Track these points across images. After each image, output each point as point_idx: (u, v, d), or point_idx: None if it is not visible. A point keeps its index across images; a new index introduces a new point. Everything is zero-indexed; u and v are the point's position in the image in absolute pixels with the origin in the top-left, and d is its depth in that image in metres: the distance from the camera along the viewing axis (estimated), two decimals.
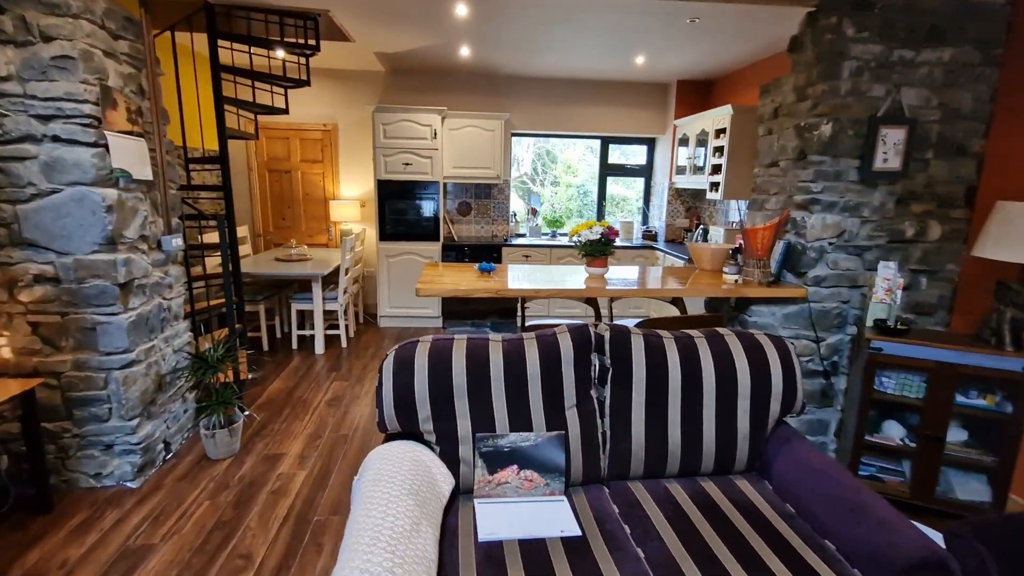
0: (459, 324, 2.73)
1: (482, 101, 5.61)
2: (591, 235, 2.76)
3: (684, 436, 1.83)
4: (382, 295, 5.35)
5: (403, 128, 5.03)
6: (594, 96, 5.66)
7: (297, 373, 4.14)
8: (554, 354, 1.82)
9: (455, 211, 5.84)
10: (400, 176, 5.13)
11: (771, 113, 2.93)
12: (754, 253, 2.69)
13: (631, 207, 6.44)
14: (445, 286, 2.53)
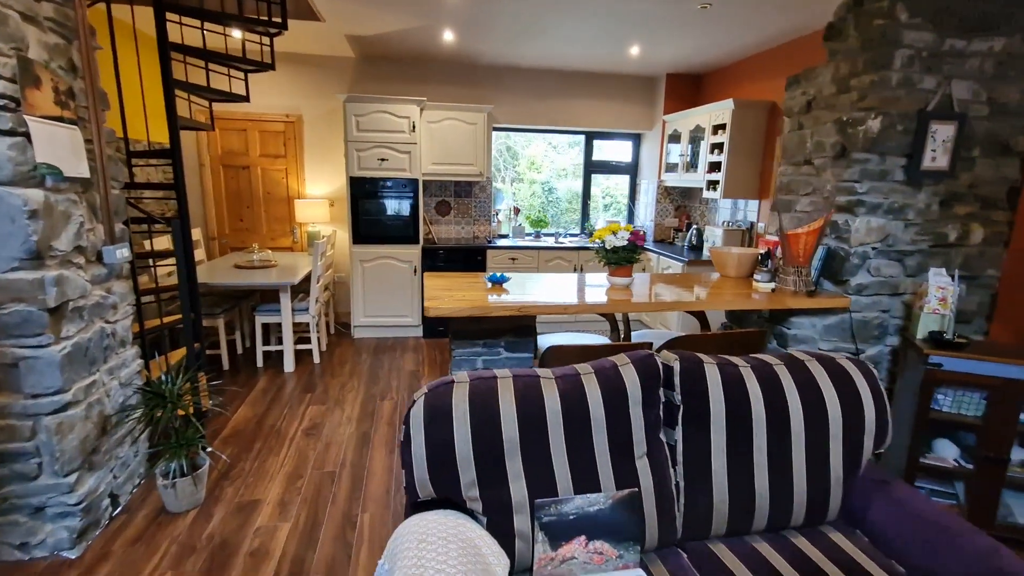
0: (469, 345, 2.36)
1: (462, 92, 5.21)
2: (616, 241, 2.45)
3: (772, 484, 1.54)
4: (356, 303, 4.89)
5: (378, 120, 4.58)
6: (580, 89, 5.37)
7: (265, 396, 3.65)
8: (619, 392, 1.49)
9: (433, 211, 5.42)
10: (375, 173, 4.67)
11: (802, 107, 2.71)
12: (794, 260, 2.45)
13: (614, 206, 6.19)
14: (460, 304, 2.16)
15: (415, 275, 4.90)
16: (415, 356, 4.56)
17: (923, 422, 2.26)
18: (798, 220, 2.73)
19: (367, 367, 4.27)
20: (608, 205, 6.07)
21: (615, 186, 6.07)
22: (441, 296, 2.29)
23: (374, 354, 4.58)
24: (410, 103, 4.59)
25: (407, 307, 4.96)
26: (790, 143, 2.80)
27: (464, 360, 2.39)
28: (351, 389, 3.82)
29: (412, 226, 4.84)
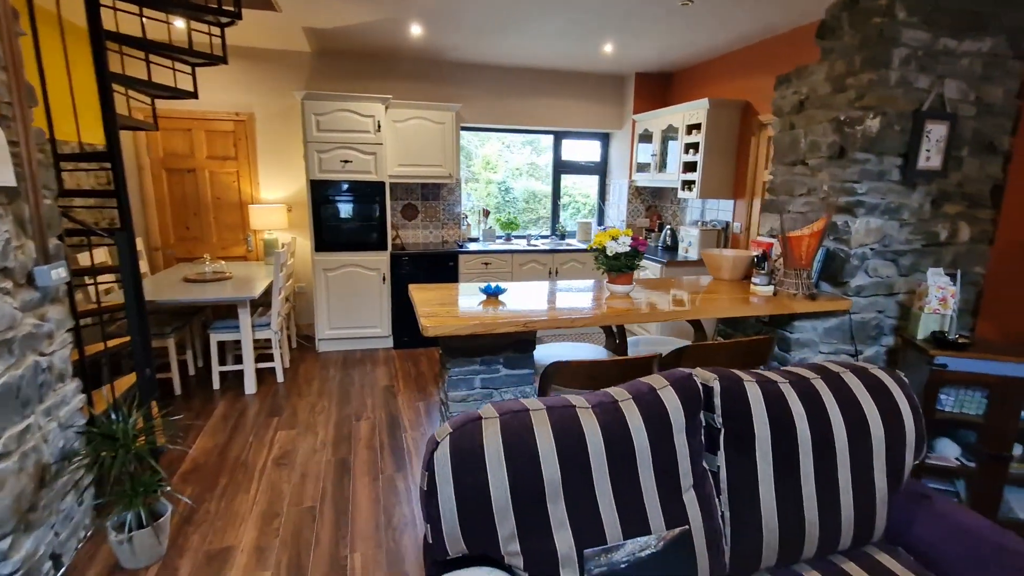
0: (465, 363, 2.17)
1: (428, 90, 4.97)
2: (618, 246, 2.32)
3: (821, 509, 1.44)
4: (320, 315, 4.57)
5: (340, 119, 4.28)
6: (549, 88, 5.24)
7: (226, 423, 3.32)
8: (661, 419, 1.35)
9: (400, 215, 5.16)
10: (338, 175, 4.38)
11: (794, 106, 2.67)
12: (797, 262, 2.40)
13: (572, 205, 6.07)
14: (460, 321, 1.97)
15: (384, 283, 4.64)
16: (387, 369, 4.30)
17: (927, 423, 2.25)
18: (793, 221, 2.70)
19: (337, 384, 3.98)
20: (566, 205, 5.92)
21: (572, 185, 5.91)
22: (436, 312, 2.09)
23: (343, 369, 4.29)
24: (374, 101, 4.33)
25: (376, 317, 4.68)
26: (781, 143, 2.76)
27: (461, 380, 2.20)
28: (322, 410, 3.53)
29: (379, 231, 4.56)
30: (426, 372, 4.25)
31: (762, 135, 4.00)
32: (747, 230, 4.19)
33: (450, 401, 2.22)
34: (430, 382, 4.04)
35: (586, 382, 2.07)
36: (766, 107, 3.94)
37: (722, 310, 2.26)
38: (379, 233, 4.57)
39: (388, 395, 3.79)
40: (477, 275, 4.84)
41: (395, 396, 3.78)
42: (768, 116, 3.89)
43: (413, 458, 2.94)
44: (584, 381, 2.07)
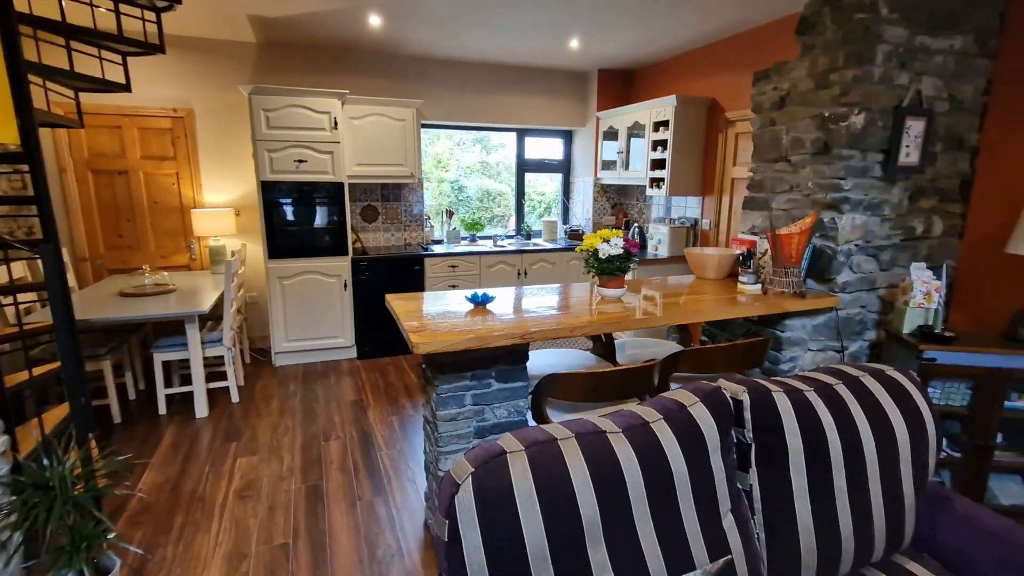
0: (454, 379, 2.00)
1: (386, 86, 4.72)
2: (611, 249, 2.21)
3: (855, 521, 1.38)
4: (276, 326, 4.25)
5: (293, 116, 3.98)
6: (512, 85, 5.10)
7: (177, 453, 2.99)
8: (696, 439, 1.24)
9: (359, 217, 4.89)
10: (292, 176, 4.07)
11: (774, 102, 2.64)
12: (787, 260, 2.37)
13: (531, 204, 5.97)
14: (453, 336, 1.80)
15: (345, 290, 4.36)
16: (353, 382, 4.04)
17: None
18: (776, 219, 2.68)
19: (299, 401, 3.69)
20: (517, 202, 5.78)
21: (528, 183, 5.74)
22: (425, 326, 1.91)
23: (304, 384, 4.00)
24: (330, 96, 4.05)
25: (337, 326, 4.41)
26: (762, 140, 2.73)
27: (450, 397, 2.03)
28: (285, 431, 3.26)
29: (339, 235, 4.29)
30: (395, 383, 4.02)
31: (729, 132, 4.01)
32: (716, 227, 4.20)
33: (439, 421, 2.05)
34: (401, 393, 3.82)
35: (586, 395, 1.96)
36: (733, 104, 3.96)
37: (720, 311, 2.20)
38: (339, 237, 4.29)
39: (357, 410, 3.55)
40: (444, 279, 4.65)
41: (365, 411, 3.54)
42: (736, 112, 3.91)
43: (392, 479, 2.74)
44: (584, 394, 1.95)
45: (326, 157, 4.13)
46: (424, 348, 1.73)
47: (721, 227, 4.16)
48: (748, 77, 3.76)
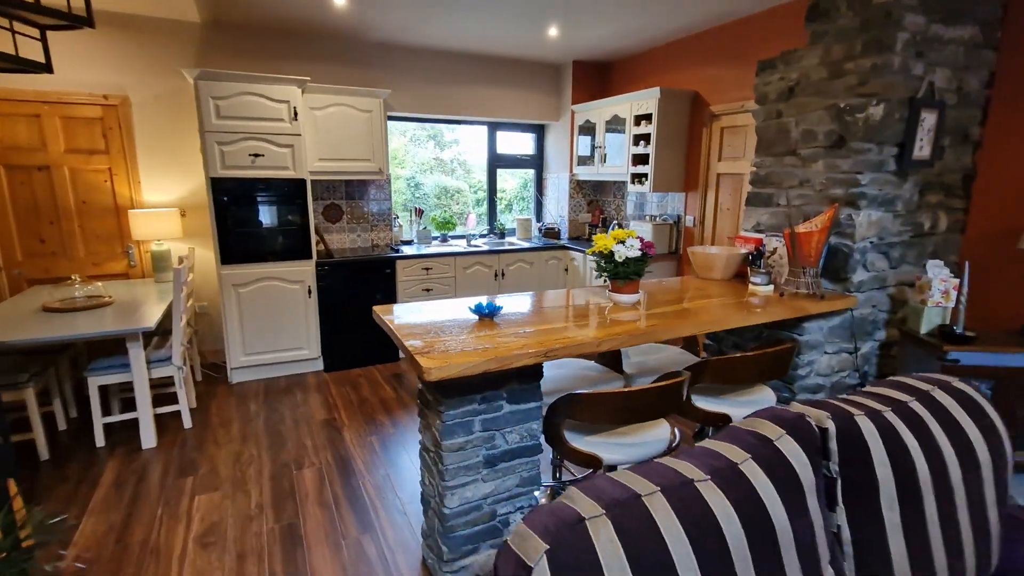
0: (461, 402, 1.75)
1: (349, 74, 4.36)
2: (628, 251, 2.01)
3: (948, 555, 1.23)
4: (232, 339, 3.82)
5: (247, 105, 3.57)
6: (483, 76, 4.84)
7: (122, 494, 2.58)
8: (791, 481, 1.05)
9: (321, 217, 4.50)
10: (248, 172, 3.66)
11: (781, 93, 2.51)
12: (805, 260, 2.24)
13: (486, 201, 5.64)
14: (468, 357, 1.54)
15: (309, 297, 3.99)
16: (322, 398, 3.69)
17: None
18: (784, 216, 2.55)
19: (263, 423, 3.31)
20: (480, 200, 5.51)
21: (483, 181, 5.49)
22: (432, 346, 1.64)
23: (266, 402, 3.61)
24: (288, 83, 3.66)
25: (301, 337, 4.03)
26: (767, 132, 2.60)
27: (458, 425, 1.77)
28: (250, 460, 2.89)
29: (301, 237, 3.91)
30: (369, 397, 3.70)
31: (714, 126, 3.91)
32: (701, 224, 4.10)
33: (445, 451, 1.78)
34: (377, 409, 3.51)
35: (616, 416, 1.75)
36: (718, 98, 3.86)
37: (745, 317, 2.04)
38: (301, 239, 3.91)
39: (331, 431, 3.21)
40: (418, 282, 4.34)
41: (339, 431, 3.21)
42: (721, 106, 3.81)
43: (379, 511, 2.44)
44: (613, 415, 1.74)
45: (285, 151, 3.74)
46: (438, 374, 1.47)
47: (706, 224, 4.06)
48: (734, 70, 3.66)
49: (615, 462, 1.80)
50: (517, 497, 1.95)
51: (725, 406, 2.05)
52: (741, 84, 3.62)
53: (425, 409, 1.93)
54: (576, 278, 4.73)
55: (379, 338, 4.28)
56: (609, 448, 1.82)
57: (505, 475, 1.91)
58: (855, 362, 2.47)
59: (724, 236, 3.90)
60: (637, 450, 1.82)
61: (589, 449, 1.80)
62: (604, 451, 1.80)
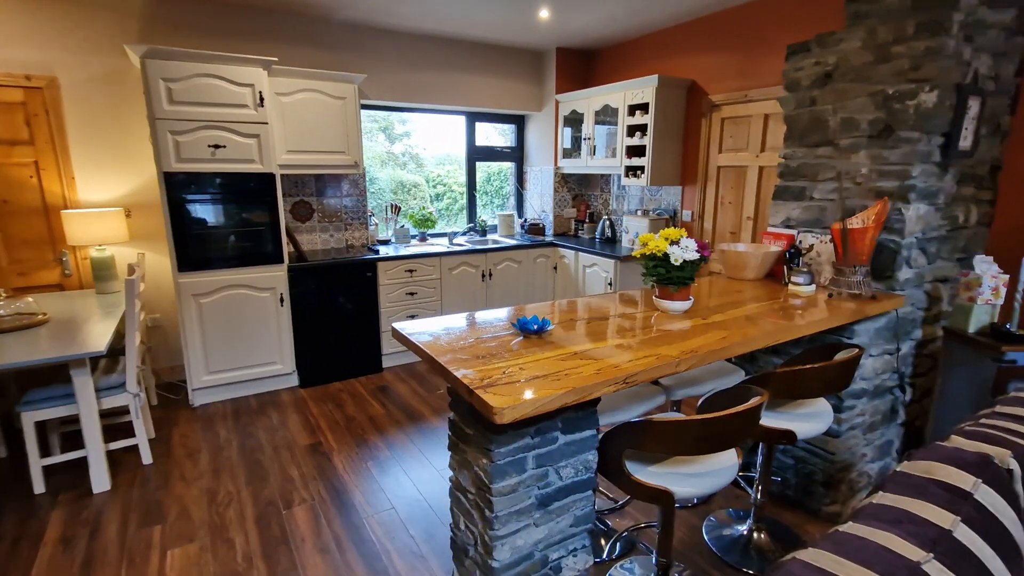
0: (513, 438, 1.47)
1: (318, 57, 3.93)
2: (684, 252, 1.78)
3: None
4: (194, 356, 3.36)
5: (205, 88, 3.11)
6: (461, 62, 4.50)
7: (72, 552, 2.14)
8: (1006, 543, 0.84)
9: (289, 215, 4.06)
10: (208, 166, 3.21)
11: (816, 78, 2.35)
12: (857, 257, 2.09)
13: (447, 195, 5.22)
14: (547, 390, 1.27)
15: (282, 305, 3.57)
16: (302, 419, 3.30)
17: None
18: (819, 210, 2.40)
19: (237, 451, 2.90)
20: (440, 195, 5.16)
21: (447, 173, 5.16)
22: (490, 377, 1.35)
23: (237, 427, 3.19)
24: (253, 64, 3.22)
25: (273, 350, 3.60)
26: (798, 122, 2.44)
27: (510, 464, 1.50)
28: (228, 499, 2.49)
29: (271, 239, 3.48)
30: (356, 415, 3.34)
31: (714, 117, 3.76)
32: (700, 218, 3.95)
33: (495, 495, 1.50)
34: (368, 428, 3.16)
35: (690, 447, 1.52)
36: (717, 87, 3.70)
37: (812, 323, 1.85)
38: (271, 241, 3.48)
39: (318, 458, 2.85)
40: (401, 285, 3.99)
41: (328, 458, 2.85)
42: (721, 96, 3.65)
43: (393, 556, 2.13)
44: (687, 446, 1.51)
45: (251, 142, 3.30)
46: (512, 415, 1.19)
47: (706, 219, 3.91)
48: (736, 57, 3.51)
49: (687, 496, 1.58)
50: (570, 539, 1.70)
51: (787, 421, 1.87)
52: (744, 72, 3.48)
53: (461, 444, 1.64)
54: (567, 277, 4.50)
55: (360, 348, 3.91)
56: (678, 480, 1.59)
57: (559, 516, 1.65)
58: (895, 364, 2.36)
59: (726, 231, 3.77)
60: (708, 481, 1.60)
61: (657, 482, 1.57)
62: (674, 483, 1.57)
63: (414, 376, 3.96)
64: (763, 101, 3.38)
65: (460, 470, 1.68)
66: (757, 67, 3.40)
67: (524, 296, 4.57)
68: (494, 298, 4.42)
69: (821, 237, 2.37)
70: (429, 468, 2.73)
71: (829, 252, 2.33)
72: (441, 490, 2.54)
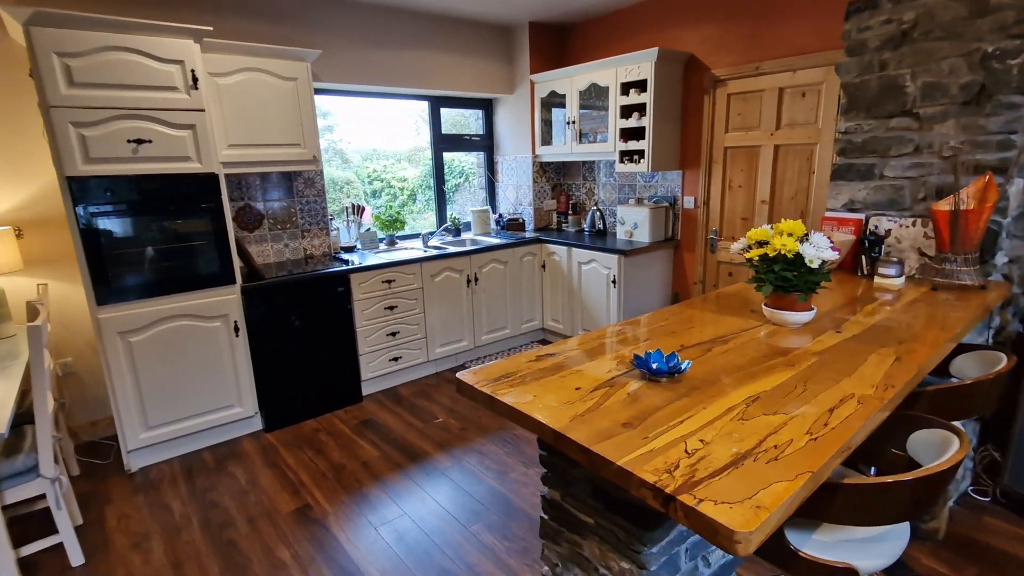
0: (665, 532, 1.04)
1: (258, 32, 3.24)
2: (819, 252, 1.40)
3: None
4: (126, 409, 2.65)
5: (117, 66, 2.39)
6: (423, 39, 3.94)
7: None
8: None
9: (234, 224, 3.36)
10: (128, 167, 2.49)
11: (890, 38, 2.05)
12: (968, 243, 1.81)
13: (386, 191, 4.56)
14: (783, 486, 0.83)
15: (236, 336, 2.90)
16: (277, 474, 2.68)
17: None
18: (894, 190, 2.12)
19: (200, 531, 2.26)
20: (378, 192, 4.49)
21: (384, 169, 4.49)
22: (679, 466, 0.89)
23: (194, 495, 2.52)
24: (180, 35, 2.53)
25: (230, 390, 2.93)
26: (865, 90, 2.14)
27: (664, 566, 1.06)
28: None
29: (218, 256, 2.80)
30: (344, 461, 2.76)
31: (718, 93, 3.45)
32: (705, 205, 3.65)
33: None
34: (364, 479, 2.59)
35: (878, 516, 1.14)
36: (719, 60, 3.39)
37: (962, 321, 1.54)
38: (218, 259, 2.80)
39: (311, 527, 2.26)
40: (379, 299, 3.41)
41: (324, 526, 2.27)
42: (726, 70, 3.35)
43: None
44: (902, 512, 1.13)
45: (184, 134, 2.61)
46: (760, 535, 0.74)
47: (712, 205, 3.62)
48: (742, 27, 3.21)
49: (870, 570, 1.21)
50: None
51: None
52: (752, 43, 3.18)
53: (569, 534, 1.18)
54: (558, 277, 4.08)
55: (335, 377, 3.30)
56: (859, 550, 1.23)
57: None
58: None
59: (736, 218, 3.49)
60: (890, 547, 1.25)
61: (838, 558, 1.19)
62: (856, 556, 1.20)
63: (400, 403, 3.41)
64: (777, 74, 3.10)
65: (570, 568, 1.22)
66: (767, 36, 3.11)
67: (513, 302, 4.11)
68: (482, 306, 3.93)
69: (900, 221, 2.09)
70: (455, 525, 2.23)
71: (911, 237, 2.05)
72: (483, 558, 2.06)
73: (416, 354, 3.66)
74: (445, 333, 3.79)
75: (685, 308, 1.79)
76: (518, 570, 1.97)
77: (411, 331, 3.60)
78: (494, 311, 4.02)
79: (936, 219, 1.87)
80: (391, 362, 3.55)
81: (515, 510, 2.32)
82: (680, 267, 3.89)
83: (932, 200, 2.03)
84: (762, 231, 1.49)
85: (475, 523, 2.24)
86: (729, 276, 3.60)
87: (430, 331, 3.70)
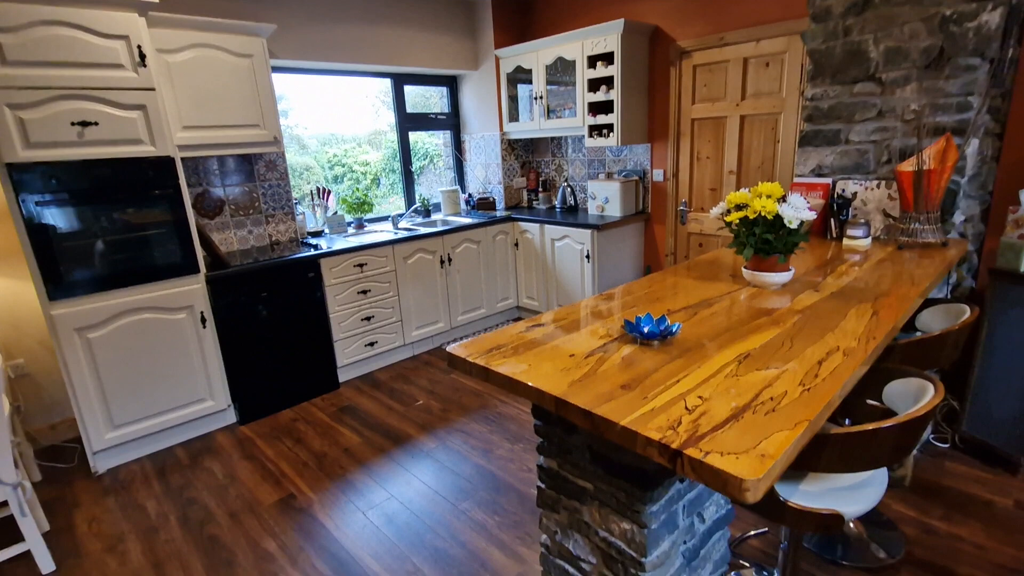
0: (666, 489, 1.06)
1: (207, 5, 3.05)
2: (797, 212, 1.43)
3: None
4: (89, 411, 2.52)
5: (56, 42, 2.22)
6: (383, 11, 3.80)
7: None
8: None
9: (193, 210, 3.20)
10: (75, 152, 2.33)
11: (852, 4, 2.09)
12: (931, 202, 1.88)
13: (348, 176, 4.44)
14: (781, 439, 0.84)
15: (204, 327, 2.79)
16: (255, 465, 2.61)
17: None
18: (859, 154, 2.18)
19: (179, 529, 2.19)
20: (340, 177, 4.33)
21: (345, 153, 4.32)
22: (681, 422, 0.90)
23: (169, 493, 2.44)
24: (122, 7, 2.36)
25: (200, 383, 2.83)
26: (828, 56, 2.18)
27: (664, 524, 1.08)
28: None
29: (179, 244, 2.67)
30: (327, 449, 2.71)
31: (684, 65, 3.46)
32: (675, 178, 3.69)
33: (649, 570, 1.08)
34: (348, 465, 2.56)
35: (886, 457, 1.19)
36: (684, 31, 3.40)
37: (929, 276, 1.60)
38: (179, 247, 2.67)
39: (297, 516, 2.22)
40: (351, 284, 3.33)
41: (311, 514, 2.23)
42: (692, 41, 3.36)
43: None
44: (887, 456, 1.18)
45: (134, 115, 2.45)
46: (767, 481, 0.75)
47: (680, 177, 3.66)
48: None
49: (855, 514, 1.26)
50: None
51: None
52: (714, 14, 3.20)
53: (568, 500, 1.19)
54: (531, 255, 4.08)
55: (310, 364, 3.23)
56: (843, 497, 1.28)
57: (701, 568, 1.27)
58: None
59: (704, 189, 3.55)
60: (871, 492, 1.31)
61: (822, 505, 1.24)
62: (840, 503, 1.26)
63: (378, 387, 3.37)
64: (741, 44, 3.13)
65: (570, 534, 1.23)
66: (731, 6, 3.13)
67: (487, 281, 4.09)
68: (456, 287, 3.89)
69: (865, 184, 2.15)
70: (444, 505, 2.23)
71: (876, 199, 2.13)
72: (475, 535, 2.06)
73: (392, 338, 3.61)
74: (421, 315, 3.74)
75: (668, 275, 1.81)
76: (511, 544, 1.98)
77: (386, 315, 3.54)
78: (469, 291, 3.99)
79: (900, 180, 1.93)
80: (367, 347, 3.49)
81: (504, 486, 2.33)
82: (651, 240, 3.93)
83: (896, 163, 2.10)
84: (741, 194, 1.50)
85: (464, 501, 2.24)
86: (700, 247, 3.66)
87: (405, 314, 3.65)
